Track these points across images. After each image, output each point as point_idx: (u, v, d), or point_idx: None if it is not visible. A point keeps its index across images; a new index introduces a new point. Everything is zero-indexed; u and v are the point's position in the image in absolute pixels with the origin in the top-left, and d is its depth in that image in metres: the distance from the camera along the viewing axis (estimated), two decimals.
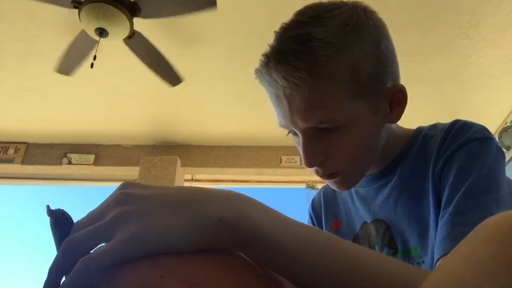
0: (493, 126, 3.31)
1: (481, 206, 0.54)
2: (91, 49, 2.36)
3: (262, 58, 0.63)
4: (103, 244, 0.32)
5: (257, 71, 0.65)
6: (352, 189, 0.77)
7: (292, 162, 3.58)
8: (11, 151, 3.53)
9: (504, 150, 3.09)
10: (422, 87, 2.97)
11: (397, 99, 0.65)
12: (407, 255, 0.66)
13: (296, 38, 0.59)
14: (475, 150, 0.59)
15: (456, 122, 0.65)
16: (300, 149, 0.66)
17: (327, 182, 0.69)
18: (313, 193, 3.87)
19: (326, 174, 0.65)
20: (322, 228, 0.83)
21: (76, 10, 2.13)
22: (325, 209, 0.84)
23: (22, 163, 3.51)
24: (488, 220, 0.27)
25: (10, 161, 3.50)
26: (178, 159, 3.54)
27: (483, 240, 0.25)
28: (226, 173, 3.69)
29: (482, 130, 0.62)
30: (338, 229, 0.80)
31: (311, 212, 0.88)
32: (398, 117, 0.66)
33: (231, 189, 0.37)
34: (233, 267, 0.32)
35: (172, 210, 0.33)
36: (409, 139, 0.70)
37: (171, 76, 2.64)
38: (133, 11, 2.19)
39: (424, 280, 0.26)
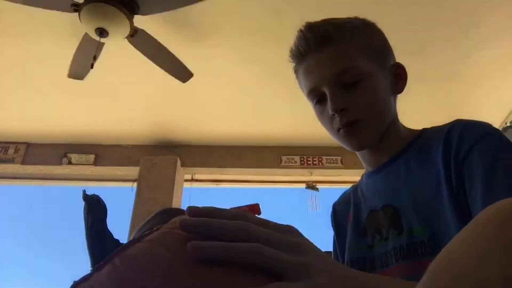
0: None
1: None
2: (96, 50, 2.36)
3: (297, 34, 0.79)
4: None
5: (292, 49, 0.80)
6: (363, 184, 0.88)
7: (292, 162, 3.58)
8: (11, 151, 3.53)
9: None
10: (422, 87, 2.97)
11: (399, 74, 0.83)
12: (411, 235, 0.72)
13: (324, 19, 0.79)
14: (493, 142, 0.66)
15: (460, 120, 0.73)
16: (322, 118, 0.80)
17: (344, 138, 0.78)
18: (313, 193, 3.84)
19: (348, 121, 0.75)
20: (341, 229, 0.90)
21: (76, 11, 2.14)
22: (345, 209, 0.93)
23: (22, 163, 3.51)
24: (489, 207, 0.27)
25: (10, 161, 3.50)
26: (178, 159, 3.54)
27: (483, 224, 0.26)
28: (226, 173, 3.69)
29: (489, 125, 0.71)
30: (350, 219, 0.88)
31: (332, 215, 0.96)
32: (402, 88, 0.83)
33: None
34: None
35: None
36: (415, 136, 0.81)
37: (180, 72, 2.59)
38: (131, 8, 2.19)
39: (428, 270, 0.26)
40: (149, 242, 0.34)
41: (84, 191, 0.36)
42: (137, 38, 2.35)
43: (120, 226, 3.28)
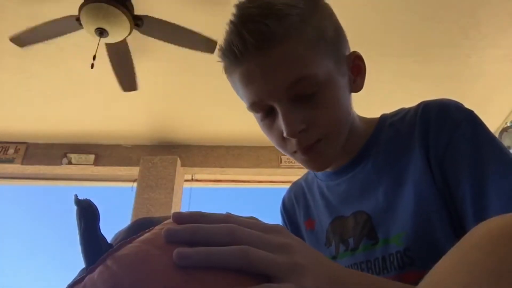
0: (493, 126, 3.31)
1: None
2: (64, 33, 2.29)
3: (227, 27, 0.60)
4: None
5: (223, 47, 0.62)
6: (323, 184, 0.76)
7: (292, 162, 3.58)
8: (11, 151, 3.53)
9: None
10: (422, 87, 2.97)
11: (357, 66, 0.67)
12: (386, 245, 0.62)
13: (260, 5, 0.59)
14: (470, 128, 0.59)
15: (429, 103, 0.64)
16: (270, 134, 0.65)
17: (303, 160, 0.66)
18: None
19: (308, 144, 0.61)
20: (296, 228, 0.82)
21: (76, 10, 2.14)
22: (297, 208, 0.82)
23: (22, 163, 3.51)
24: (479, 227, 0.26)
25: (10, 161, 3.50)
26: (178, 159, 3.54)
27: (474, 248, 0.25)
28: (226, 173, 3.69)
29: (462, 105, 0.63)
30: (313, 228, 0.76)
31: (283, 212, 0.86)
32: (361, 86, 0.68)
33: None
34: None
35: None
36: (375, 127, 0.70)
37: (129, 82, 2.64)
38: (136, 23, 2.20)
39: None
40: (140, 242, 0.34)
41: (75, 196, 0.36)
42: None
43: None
